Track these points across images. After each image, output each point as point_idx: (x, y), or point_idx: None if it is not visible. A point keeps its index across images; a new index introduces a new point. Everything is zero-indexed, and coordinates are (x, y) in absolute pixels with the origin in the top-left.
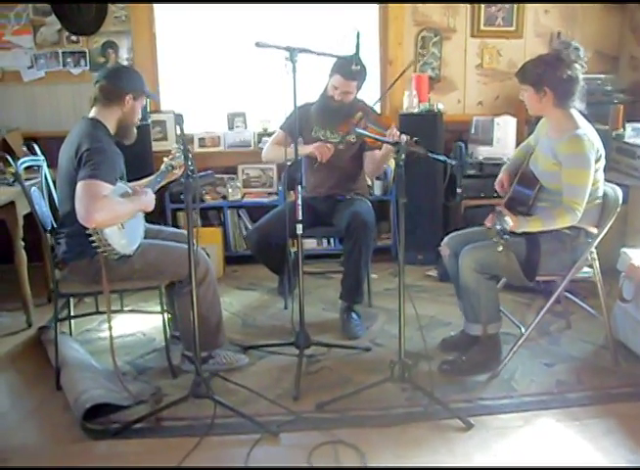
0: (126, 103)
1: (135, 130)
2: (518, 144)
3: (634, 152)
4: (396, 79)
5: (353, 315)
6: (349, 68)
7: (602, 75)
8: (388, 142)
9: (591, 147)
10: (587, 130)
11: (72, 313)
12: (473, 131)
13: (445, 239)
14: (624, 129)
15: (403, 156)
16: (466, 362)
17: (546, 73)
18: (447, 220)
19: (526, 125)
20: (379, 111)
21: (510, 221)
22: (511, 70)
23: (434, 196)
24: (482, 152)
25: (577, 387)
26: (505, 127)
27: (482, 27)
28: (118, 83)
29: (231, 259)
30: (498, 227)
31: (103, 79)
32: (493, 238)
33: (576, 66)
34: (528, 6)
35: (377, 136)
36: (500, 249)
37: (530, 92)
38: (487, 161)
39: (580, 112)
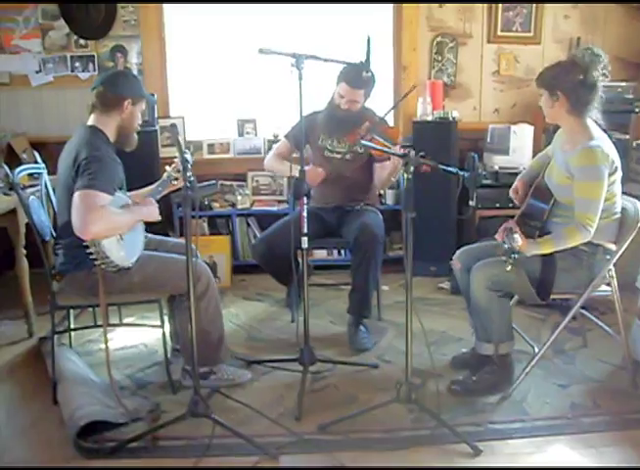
0: (125, 109)
1: (136, 136)
2: (535, 153)
3: None
4: (401, 99)
5: (361, 328)
6: (356, 75)
7: (623, 83)
8: (395, 154)
9: (605, 159)
10: (601, 142)
11: (72, 324)
12: (489, 140)
13: (457, 253)
14: None
15: (412, 168)
16: (476, 383)
17: (559, 77)
18: (461, 231)
19: (544, 134)
20: (391, 120)
21: (519, 240)
22: (528, 77)
23: (448, 206)
24: (498, 161)
25: (593, 411)
26: (522, 136)
27: (499, 33)
28: (116, 89)
29: (239, 268)
30: (506, 246)
31: (100, 85)
32: (502, 257)
33: (594, 72)
34: (547, 11)
35: (383, 148)
36: (509, 268)
37: (545, 96)
38: (503, 170)
39: (596, 121)
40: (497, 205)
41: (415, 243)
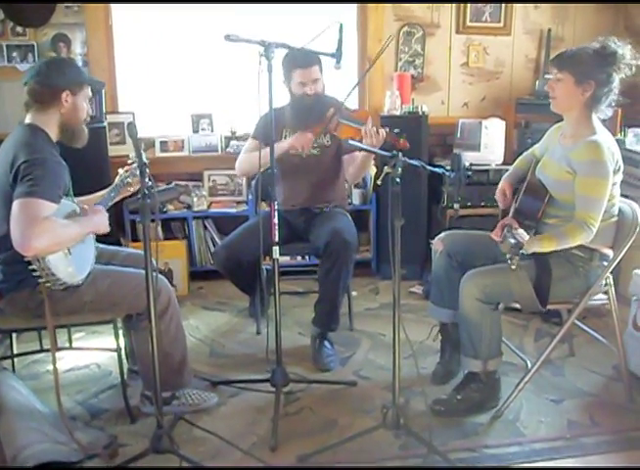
0: (64, 102)
1: (85, 130)
2: (506, 149)
3: (638, 160)
4: (362, 77)
5: (326, 344)
6: (301, 55)
7: None
8: (382, 154)
9: (610, 156)
10: (606, 138)
11: (15, 347)
12: (458, 135)
13: (442, 234)
14: (624, 135)
15: (400, 170)
16: (461, 402)
17: (598, 66)
18: (431, 231)
19: (515, 129)
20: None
21: (525, 234)
22: (498, 70)
23: (418, 205)
24: (469, 158)
25: (592, 429)
26: (493, 131)
27: (469, 23)
28: (49, 81)
29: (196, 275)
30: (513, 241)
31: (30, 80)
32: (506, 254)
33: (626, 69)
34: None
35: (370, 148)
36: (514, 266)
37: (569, 83)
38: (474, 167)
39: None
40: (468, 203)
41: (383, 244)
